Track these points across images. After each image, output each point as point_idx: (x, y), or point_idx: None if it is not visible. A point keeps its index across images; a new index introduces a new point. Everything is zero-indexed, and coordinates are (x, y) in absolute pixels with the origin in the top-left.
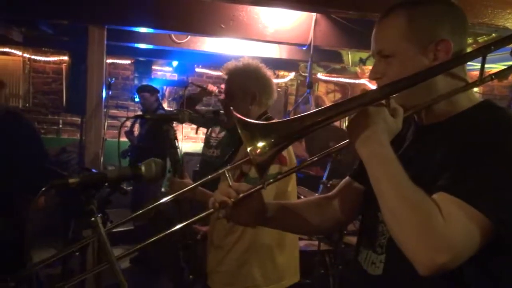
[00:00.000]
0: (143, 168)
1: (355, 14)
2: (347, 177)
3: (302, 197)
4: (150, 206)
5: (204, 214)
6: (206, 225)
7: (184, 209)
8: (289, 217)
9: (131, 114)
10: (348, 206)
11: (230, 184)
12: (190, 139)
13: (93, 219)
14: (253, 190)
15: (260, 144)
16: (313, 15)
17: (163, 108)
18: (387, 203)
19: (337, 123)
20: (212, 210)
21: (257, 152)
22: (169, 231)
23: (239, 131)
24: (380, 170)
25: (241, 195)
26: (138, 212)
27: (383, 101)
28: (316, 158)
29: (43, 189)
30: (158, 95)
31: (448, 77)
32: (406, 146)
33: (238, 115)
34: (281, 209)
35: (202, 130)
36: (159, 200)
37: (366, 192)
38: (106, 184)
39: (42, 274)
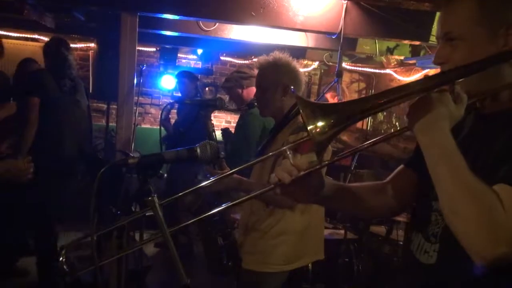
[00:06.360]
0: (198, 150)
1: (386, 2)
2: (402, 165)
3: None
4: (202, 184)
5: (260, 191)
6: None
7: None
8: (346, 199)
9: (156, 101)
10: (400, 193)
11: (292, 162)
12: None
13: (150, 198)
14: (312, 169)
15: (320, 123)
16: (344, 3)
17: (201, 97)
18: (446, 191)
19: (359, 124)
20: (271, 186)
21: (317, 131)
22: (209, 213)
23: (301, 110)
24: (440, 158)
25: (301, 173)
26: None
27: (447, 87)
28: (366, 145)
29: (103, 169)
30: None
31: None
32: (464, 134)
33: (300, 96)
34: (339, 190)
35: (225, 118)
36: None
37: (420, 181)
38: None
39: (73, 255)
